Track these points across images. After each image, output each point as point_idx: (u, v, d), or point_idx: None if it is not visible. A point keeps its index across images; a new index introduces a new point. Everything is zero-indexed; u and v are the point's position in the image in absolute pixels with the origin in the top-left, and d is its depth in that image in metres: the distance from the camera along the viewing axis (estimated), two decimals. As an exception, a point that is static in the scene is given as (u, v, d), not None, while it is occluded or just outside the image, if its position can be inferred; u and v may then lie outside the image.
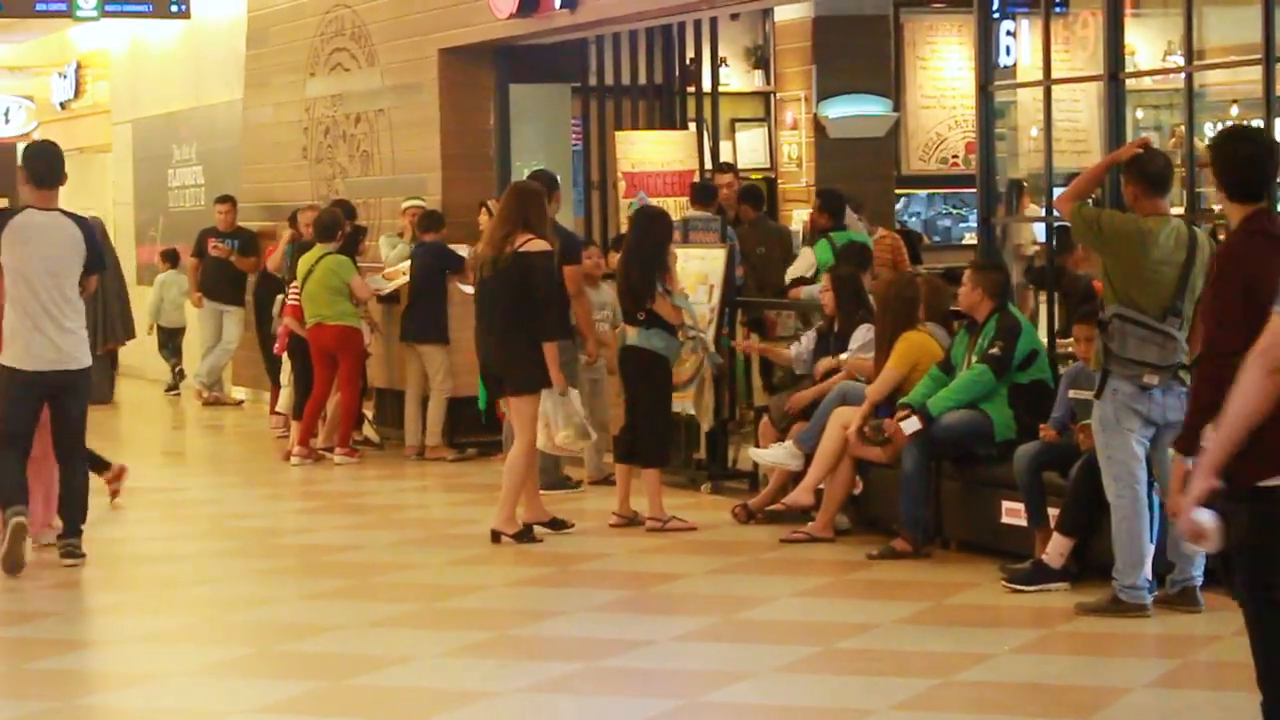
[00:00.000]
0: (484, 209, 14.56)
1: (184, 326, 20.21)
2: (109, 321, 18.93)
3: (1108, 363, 8.46)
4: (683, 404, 11.84)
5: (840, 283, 11.34)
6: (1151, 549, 8.57)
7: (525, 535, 10.81)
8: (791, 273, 13.67)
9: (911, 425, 9.89)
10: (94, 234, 10.62)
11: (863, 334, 11.02)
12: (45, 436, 10.51)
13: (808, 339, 11.59)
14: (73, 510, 10.53)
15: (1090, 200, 9.20)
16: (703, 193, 14.11)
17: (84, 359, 10.36)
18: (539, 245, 10.60)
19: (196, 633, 9.11)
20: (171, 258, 20.19)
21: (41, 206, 10.30)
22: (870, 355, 10.79)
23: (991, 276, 10.01)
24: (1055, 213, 10.12)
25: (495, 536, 10.81)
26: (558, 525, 11.09)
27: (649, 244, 11.20)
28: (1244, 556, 4.96)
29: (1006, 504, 9.65)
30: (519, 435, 10.87)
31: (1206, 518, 4.93)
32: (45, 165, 10.40)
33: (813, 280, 13.26)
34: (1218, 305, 6.33)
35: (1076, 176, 9.24)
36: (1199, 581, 8.60)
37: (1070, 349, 10.07)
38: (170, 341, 20.39)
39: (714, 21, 16.07)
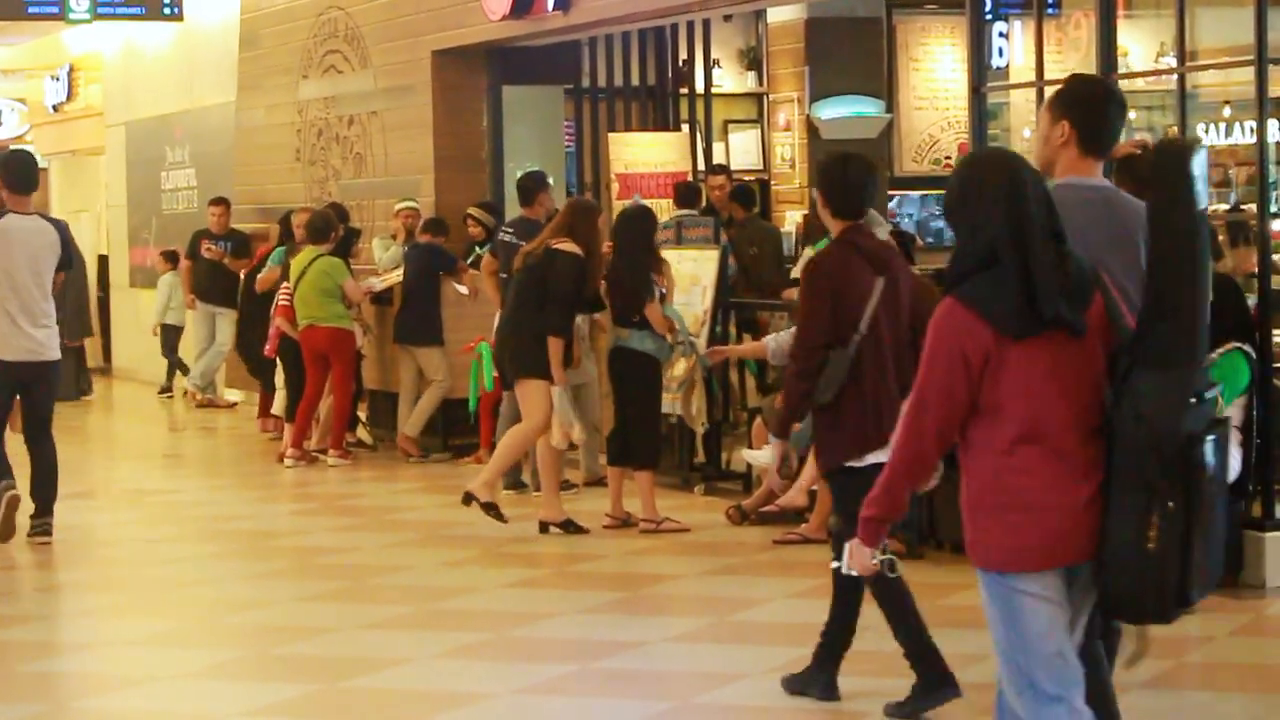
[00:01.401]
0: (469, 220, 14.55)
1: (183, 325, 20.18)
2: (68, 319, 19.09)
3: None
4: (671, 406, 11.83)
5: None
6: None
7: (492, 509, 10.96)
8: (796, 272, 13.68)
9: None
10: (68, 235, 11.35)
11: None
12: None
13: (786, 333, 11.56)
14: (44, 490, 11.15)
15: None
16: (686, 193, 14.14)
17: (55, 352, 11.15)
18: (570, 246, 10.85)
19: (190, 635, 9.11)
20: (173, 258, 20.13)
21: (22, 211, 11.05)
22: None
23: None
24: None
25: (467, 498, 11.00)
26: (571, 528, 11.12)
27: (639, 245, 11.21)
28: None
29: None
30: (526, 417, 11.11)
31: None
32: (25, 173, 11.27)
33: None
34: (808, 307, 7.24)
35: None
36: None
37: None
38: (175, 340, 20.30)
39: (707, 23, 16.08)
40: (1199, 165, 4.74)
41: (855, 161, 7.63)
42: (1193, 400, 4.63)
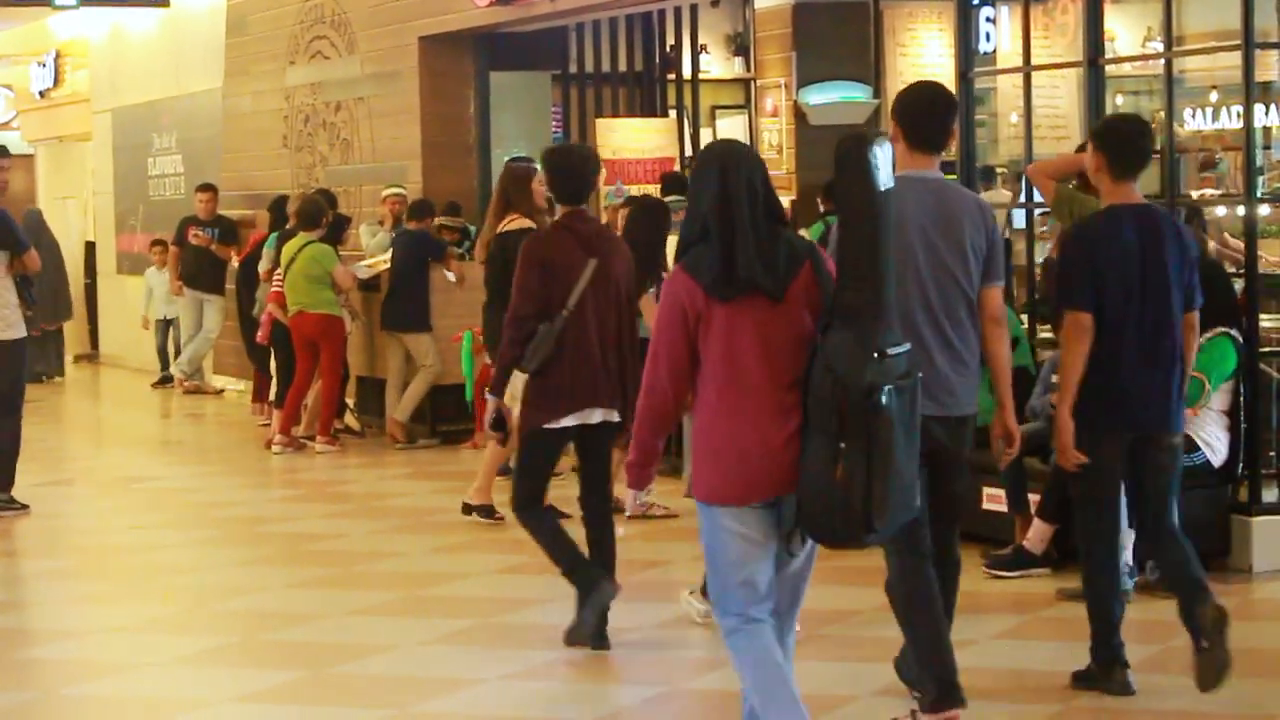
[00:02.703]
0: (443, 230, 14.55)
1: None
2: (42, 304, 19.21)
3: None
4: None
5: None
6: (1131, 535, 8.59)
7: (485, 511, 11.07)
8: None
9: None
10: (4, 221, 11.62)
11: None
12: None
13: None
14: (1, 469, 11.66)
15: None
16: (672, 182, 14.16)
17: (3, 331, 11.54)
18: (519, 224, 10.62)
19: (178, 622, 9.10)
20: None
21: None
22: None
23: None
24: (1030, 182, 10.08)
25: (465, 509, 11.16)
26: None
27: (651, 238, 11.11)
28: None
29: (987, 490, 9.65)
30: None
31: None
32: None
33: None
34: (520, 282, 7.94)
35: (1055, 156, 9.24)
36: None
37: (1050, 334, 10.08)
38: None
39: (694, 8, 16.08)
40: (883, 154, 5.58)
41: (576, 151, 8.39)
42: (875, 355, 5.43)
